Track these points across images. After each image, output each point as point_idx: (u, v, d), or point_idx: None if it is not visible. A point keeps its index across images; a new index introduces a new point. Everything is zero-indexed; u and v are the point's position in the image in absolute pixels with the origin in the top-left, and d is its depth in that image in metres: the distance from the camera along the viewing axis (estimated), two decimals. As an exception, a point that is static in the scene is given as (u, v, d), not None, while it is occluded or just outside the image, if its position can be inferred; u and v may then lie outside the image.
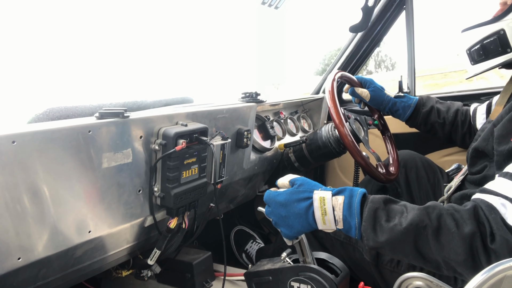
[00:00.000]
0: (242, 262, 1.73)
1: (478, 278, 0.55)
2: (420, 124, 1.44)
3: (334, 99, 1.23)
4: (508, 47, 0.96)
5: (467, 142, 1.39)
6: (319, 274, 0.92)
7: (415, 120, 1.44)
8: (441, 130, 1.42)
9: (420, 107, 1.42)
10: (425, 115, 1.41)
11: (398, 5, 1.85)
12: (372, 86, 1.44)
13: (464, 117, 1.38)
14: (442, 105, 1.43)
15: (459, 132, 1.39)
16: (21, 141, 0.69)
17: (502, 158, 0.82)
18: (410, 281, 0.81)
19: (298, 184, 0.85)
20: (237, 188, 1.46)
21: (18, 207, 0.71)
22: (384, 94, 1.43)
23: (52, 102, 0.95)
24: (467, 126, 1.38)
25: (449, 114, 1.39)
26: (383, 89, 1.45)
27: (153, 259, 1.07)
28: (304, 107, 1.93)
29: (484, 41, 1.00)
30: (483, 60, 1.03)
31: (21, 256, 0.73)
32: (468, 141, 1.39)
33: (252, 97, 1.37)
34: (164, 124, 0.96)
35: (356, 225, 0.77)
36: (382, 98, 1.43)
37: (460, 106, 1.41)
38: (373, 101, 1.45)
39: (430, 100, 1.43)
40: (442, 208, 0.74)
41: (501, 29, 0.96)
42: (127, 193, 0.90)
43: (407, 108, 1.42)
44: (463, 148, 1.44)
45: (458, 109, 1.40)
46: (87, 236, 0.84)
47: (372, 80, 1.47)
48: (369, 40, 1.97)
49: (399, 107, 1.43)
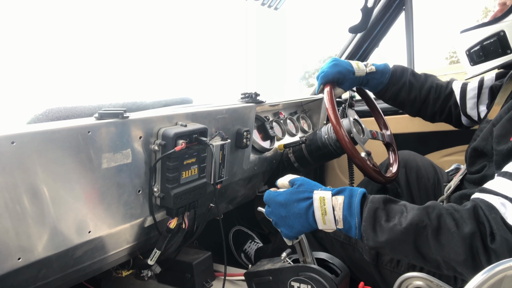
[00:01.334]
0: (241, 262, 1.73)
1: (478, 278, 0.55)
2: (389, 99, 1.40)
3: (332, 101, 1.23)
4: (508, 49, 0.96)
5: (437, 119, 1.38)
6: (319, 274, 0.92)
7: (384, 94, 1.40)
8: (410, 107, 1.39)
9: (392, 83, 1.36)
10: (395, 91, 1.36)
11: (397, 5, 1.85)
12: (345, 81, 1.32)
13: (437, 94, 1.34)
14: (416, 79, 1.36)
15: (429, 110, 1.36)
16: (21, 141, 0.69)
17: (501, 157, 0.82)
18: (410, 281, 0.81)
19: (298, 184, 0.85)
20: (236, 188, 1.46)
21: (18, 208, 0.70)
22: (356, 79, 1.33)
23: (51, 103, 0.95)
24: (439, 104, 1.34)
25: (421, 92, 1.35)
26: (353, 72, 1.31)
27: (153, 259, 1.07)
28: (304, 108, 1.93)
29: (484, 42, 1.00)
30: (483, 61, 1.02)
31: (21, 257, 0.73)
32: (438, 118, 1.38)
33: (252, 98, 1.37)
34: (163, 125, 0.97)
35: (356, 225, 0.77)
36: (355, 83, 1.36)
37: (434, 83, 1.36)
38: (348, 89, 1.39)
39: (404, 74, 1.36)
40: (442, 208, 0.74)
41: (501, 30, 0.96)
42: (126, 194, 0.90)
43: (379, 84, 1.37)
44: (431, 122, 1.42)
45: (431, 86, 1.35)
46: (87, 236, 0.84)
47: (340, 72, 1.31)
48: (368, 40, 1.97)
49: (371, 83, 1.38)
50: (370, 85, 1.39)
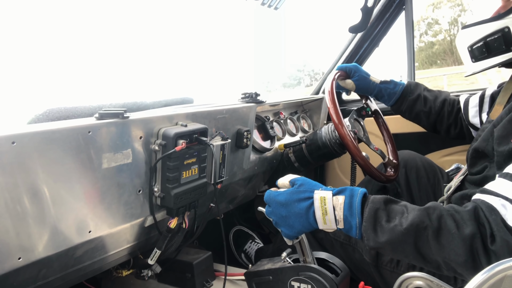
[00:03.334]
0: (241, 262, 1.73)
1: (478, 278, 0.55)
2: (405, 111, 1.42)
3: (334, 100, 1.23)
4: None
5: (452, 133, 1.39)
6: (320, 273, 0.92)
7: (400, 107, 1.42)
8: (426, 119, 1.40)
9: (407, 95, 1.39)
10: (410, 103, 1.39)
11: (397, 5, 1.85)
12: (357, 75, 1.41)
13: (451, 107, 1.36)
14: (430, 93, 1.40)
15: (445, 122, 1.38)
16: (21, 141, 0.69)
17: (502, 158, 0.82)
18: (410, 281, 0.81)
19: (298, 184, 0.85)
20: (237, 188, 1.46)
21: (18, 208, 0.71)
22: (369, 81, 1.40)
23: (51, 103, 0.95)
24: (453, 117, 1.36)
25: (436, 104, 1.37)
26: (368, 75, 1.41)
27: (154, 259, 1.07)
28: (304, 108, 1.93)
29: (488, 38, 0.98)
30: (485, 57, 1.01)
31: (21, 256, 0.73)
32: (453, 132, 1.39)
33: (252, 98, 1.37)
34: (164, 125, 0.97)
35: (357, 225, 0.77)
36: (367, 86, 1.41)
37: (448, 96, 1.39)
38: (359, 91, 1.43)
39: (418, 88, 1.40)
40: (442, 209, 0.74)
41: (506, 26, 0.94)
42: (127, 193, 0.90)
43: (393, 95, 1.40)
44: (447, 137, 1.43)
45: (445, 99, 1.38)
46: (87, 236, 0.84)
47: (357, 66, 1.43)
48: (368, 40, 1.97)
49: (385, 94, 1.41)
50: (384, 94, 1.41)
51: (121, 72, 4.78)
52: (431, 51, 11.39)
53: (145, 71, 5.74)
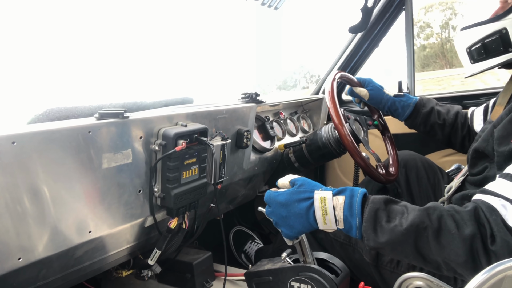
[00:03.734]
0: (241, 262, 1.73)
1: (478, 278, 0.55)
2: (420, 124, 1.42)
3: (334, 100, 1.23)
4: (510, 46, 0.95)
5: (466, 145, 1.38)
6: (320, 274, 0.92)
7: (414, 120, 1.43)
8: (440, 131, 1.40)
9: (420, 108, 1.41)
10: (425, 115, 1.40)
11: (397, 5, 1.85)
12: (371, 85, 1.44)
13: (463, 119, 1.38)
14: (442, 107, 1.42)
15: (459, 134, 1.38)
16: (21, 141, 0.69)
17: (502, 159, 0.82)
18: (410, 281, 0.81)
19: (298, 184, 0.85)
20: (237, 188, 1.46)
21: (19, 208, 0.70)
22: (383, 93, 1.43)
23: (51, 103, 0.95)
24: (466, 129, 1.37)
25: (449, 116, 1.38)
26: (382, 88, 1.44)
27: (154, 259, 1.07)
28: (304, 108, 1.93)
29: (485, 39, 0.98)
30: (484, 59, 1.01)
31: (21, 256, 0.73)
32: (467, 144, 1.38)
33: (252, 98, 1.37)
34: (164, 125, 0.97)
35: (357, 225, 0.77)
36: (381, 97, 1.43)
37: (460, 109, 1.41)
38: (372, 100, 1.44)
39: (430, 102, 1.42)
40: (442, 209, 0.74)
41: (504, 27, 0.95)
42: (127, 194, 0.90)
43: (406, 107, 1.41)
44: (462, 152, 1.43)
45: (458, 112, 1.39)
46: (88, 236, 0.84)
47: (371, 79, 1.46)
48: (368, 40, 1.97)
49: (398, 106, 1.42)
50: (398, 107, 1.42)
51: (121, 72, 4.77)
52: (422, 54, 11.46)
53: (145, 71, 5.74)
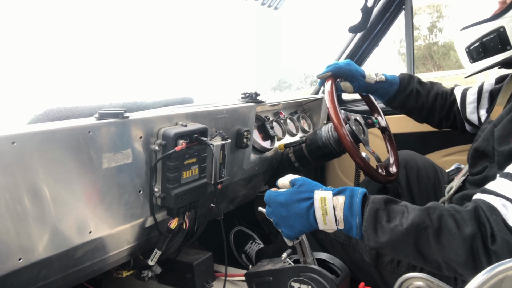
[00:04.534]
0: (241, 262, 1.73)
1: (478, 278, 0.55)
2: (397, 107, 1.43)
3: (333, 100, 1.23)
4: (508, 45, 0.95)
5: (443, 125, 1.41)
6: (320, 274, 0.92)
7: (392, 102, 1.43)
8: (418, 114, 1.42)
9: (400, 93, 1.39)
10: (402, 99, 1.40)
11: (397, 5, 1.85)
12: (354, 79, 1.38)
13: (443, 101, 1.37)
14: (422, 86, 1.40)
15: (436, 116, 1.39)
16: (21, 141, 0.69)
17: (502, 158, 0.82)
18: (411, 282, 0.81)
19: (298, 184, 0.85)
20: (237, 188, 1.46)
21: (19, 208, 0.70)
22: (364, 83, 1.38)
23: (51, 103, 0.95)
24: (445, 110, 1.37)
25: (428, 99, 1.38)
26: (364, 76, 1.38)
27: (154, 260, 1.07)
28: (304, 107, 1.93)
29: (484, 38, 0.99)
30: (482, 58, 1.02)
31: (21, 257, 0.73)
32: (445, 125, 1.41)
33: (252, 98, 1.37)
34: (164, 125, 0.96)
35: (357, 225, 0.77)
36: (364, 87, 1.40)
37: (440, 89, 1.39)
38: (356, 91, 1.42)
39: (411, 82, 1.39)
40: (443, 208, 0.74)
41: (501, 26, 0.95)
42: (127, 194, 0.90)
43: (386, 94, 1.41)
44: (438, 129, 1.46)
45: (437, 93, 1.38)
46: (88, 236, 0.84)
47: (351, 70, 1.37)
48: (368, 40, 1.97)
49: (380, 93, 1.42)
50: (378, 94, 1.42)
51: (121, 72, 4.77)
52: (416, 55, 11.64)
53: (145, 71, 5.73)
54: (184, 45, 8.05)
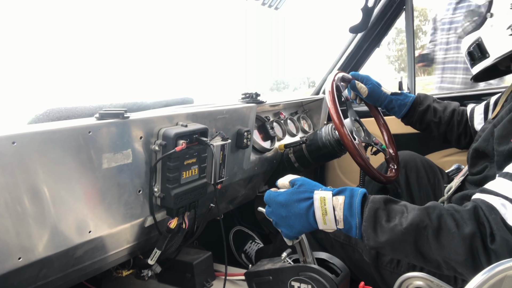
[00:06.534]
0: (241, 262, 1.73)
1: (478, 278, 0.55)
2: (416, 122, 1.44)
3: (334, 100, 1.23)
4: (487, 53, 1.03)
5: (462, 142, 1.40)
6: (320, 274, 0.92)
7: (410, 118, 1.44)
8: (436, 129, 1.42)
9: (417, 106, 1.42)
10: (421, 113, 1.41)
11: (398, 5, 1.85)
12: (370, 82, 1.44)
13: (460, 117, 1.39)
14: (439, 104, 1.43)
15: (455, 132, 1.39)
16: (21, 141, 0.69)
17: (502, 158, 0.82)
18: (411, 281, 0.81)
19: (298, 184, 0.85)
20: (237, 188, 1.46)
21: (19, 208, 0.71)
22: (381, 91, 1.43)
23: (52, 103, 0.95)
24: (463, 126, 1.38)
25: (445, 114, 1.39)
26: (380, 86, 1.45)
27: (154, 259, 1.07)
28: (304, 108, 1.93)
29: (471, 47, 1.08)
30: (472, 65, 1.10)
31: (21, 256, 0.73)
32: (464, 141, 1.41)
33: (252, 98, 1.37)
34: (164, 125, 0.97)
35: (357, 225, 0.77)
36: (379, 95, 1.43)
37: (457, 106, 1.42)
38: (370, 97, 1.45)
39: (427, 99, 1.43)
40: (442, 208, 0.74)
41: (479, 37, 1.04)
42: (127, 194, 0.90)
43: (403, 106, 1.42)
44: (458, 148, 1.45)
45: (454, 109, 1.40)
46: (88, 236, 0.84)
47: (369, 76, 1.47)
48: (369, 40, 1.97)
49: (395, 105, 1.43)
50: (395, 105, 1.44)
51: (121, 72, 4.76)
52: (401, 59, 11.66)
53: (145, 71, 5.72)
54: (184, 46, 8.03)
